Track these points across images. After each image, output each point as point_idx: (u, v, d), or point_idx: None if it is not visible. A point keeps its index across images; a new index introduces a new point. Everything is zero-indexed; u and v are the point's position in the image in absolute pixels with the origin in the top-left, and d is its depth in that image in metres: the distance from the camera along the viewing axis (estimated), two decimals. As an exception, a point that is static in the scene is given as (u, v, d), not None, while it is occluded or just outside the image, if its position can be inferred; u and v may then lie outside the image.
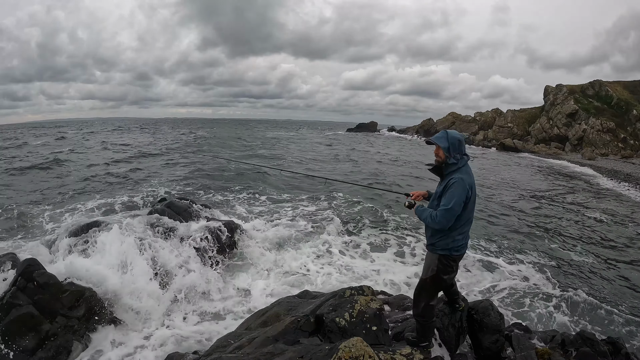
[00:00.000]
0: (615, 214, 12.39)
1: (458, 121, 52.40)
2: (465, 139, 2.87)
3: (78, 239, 6.45)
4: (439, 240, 2.80)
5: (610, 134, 35.35)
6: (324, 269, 7.00)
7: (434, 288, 2.96)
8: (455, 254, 2.83)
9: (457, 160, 2.70)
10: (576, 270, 7.47)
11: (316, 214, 10.40)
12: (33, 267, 4.76)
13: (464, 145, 2.77)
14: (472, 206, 2.77)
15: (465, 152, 2.76)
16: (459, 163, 2.71)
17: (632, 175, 21.47)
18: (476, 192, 2.85)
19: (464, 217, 2.74)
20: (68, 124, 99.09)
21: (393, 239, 8.85)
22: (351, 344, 2.56)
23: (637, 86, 41.85)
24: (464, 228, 2.79)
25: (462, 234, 2.79)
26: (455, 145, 2.69)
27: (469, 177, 2.71)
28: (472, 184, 2.72)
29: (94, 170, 16.68)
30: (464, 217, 2.74)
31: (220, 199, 11.97)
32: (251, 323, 4.17)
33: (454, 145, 2.69)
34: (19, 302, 4.40)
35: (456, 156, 2.70)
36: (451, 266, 2.87)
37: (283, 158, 23.62)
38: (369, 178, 17.07)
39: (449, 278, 2.94)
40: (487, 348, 3.28)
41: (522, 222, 10.82)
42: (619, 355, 3.45)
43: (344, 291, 3.77)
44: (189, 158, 21.34)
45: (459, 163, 2.71)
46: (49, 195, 11.92)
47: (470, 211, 2.77)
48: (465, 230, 2.80)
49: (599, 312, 5.81)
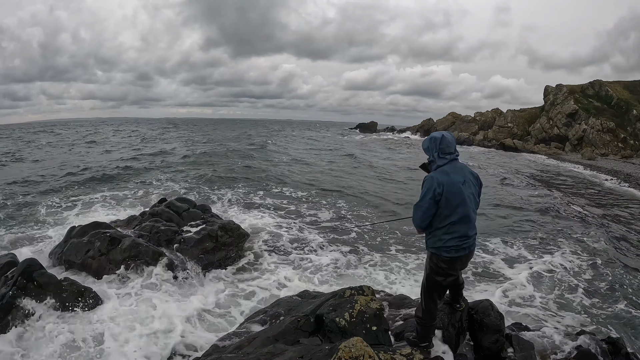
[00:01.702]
0: (616, 212, 12.40)
1: (458, 121, 52.38)
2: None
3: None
4: (428, 238, 2.86)
5: (610, 134, 35.33)
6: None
7: (429, 289, 2.93)
8: (445, 255, 2.76)
9: (434, 159, 2.84)
10: (576, 270, 7.46)
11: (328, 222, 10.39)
12: (33, 267, 4.77)
13: (446, 145, 2.80)
14: (454, 205, 2.69)
15: (449, 151, 2.80)
16: (438, 162, 2.81)
17: (632, 175, 21.48)
18: (473, 192, 2.82)
19: (445, 215, 2.71)
20: (80, 123, 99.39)
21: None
22: (351, 344, 2.56)
23: (637, 86, 41.82)
24: (452, 228, 2.71)
25: (450, 234, 2.72)
26: (431, 146, 2.84)
27: (444, 176, 2.72)
28: (449, 183, 2.69)
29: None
30: (445, 215, 2.71)
31: (224, 198, 12.01)
32: (251, 323, 4.17)
33: (430, 146, 2.86)
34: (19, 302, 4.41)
35: (434, 155, 2.83)
36: (442, 268, 2.81)
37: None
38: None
39: (443, 281, 2.87)
40: (487, 348, 3.28)
41: (522, 221, 10.82)
42: (619, 355, 3.45)
43: (344, 291, 3.78)
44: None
45: (438, 162, 2.81)
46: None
47: (453, 211, 2.69)
48: (453, 230, 2.71)
49: (600, 312, 5.81)
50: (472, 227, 2.80)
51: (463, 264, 2.94)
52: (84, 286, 5.05)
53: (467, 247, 2.80)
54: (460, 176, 2.76)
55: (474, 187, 2.84)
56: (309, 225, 9.58)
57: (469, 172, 2.87)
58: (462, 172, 2.80)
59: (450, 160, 2.80)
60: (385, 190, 14.62)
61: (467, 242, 2.78)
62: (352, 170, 20.34)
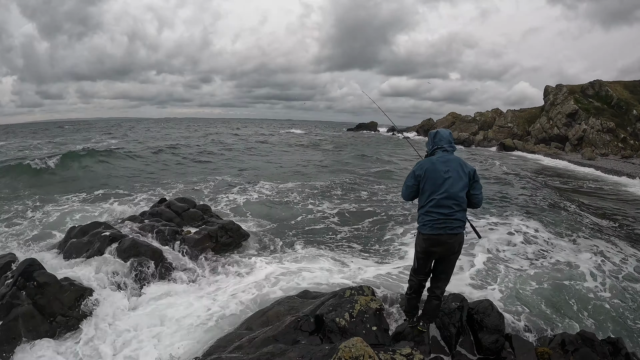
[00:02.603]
0: (619, 210, 12.40)
1: (458, 121, 52.36)
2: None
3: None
4: (417, 220, 3.28)
5: (610, 134, 35.35)
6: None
7: (414, 260, 3.39)
8: (423, 232, 3.15)
9: (429, 151, 3.36)
10: (575, 269, 7.46)
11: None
12: (33, 267, 4.77)
13: (439, 139, 3.26)
14: (432, 189, 3.09)
15: (439, 144, 3.25)
16: (430, 152, 3.34)
17: (632, 175, 21.52)
18: (457, 181, 3.09)
19: (425, 195, 3.14)
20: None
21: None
22: (351, 344, 2.57)
23: (637, 86, 41.83)
24: (428, 209, 3.11)
25: (427, 214, 3.13)
26: (429, 139, 3.38)
27: (428, 163, 3.18)
28: (430, 168, 3.13)
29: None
30: (426, 196, 3.14)
31: (227, 199, 12.00)
32: (251, 323, 4.17)
33: (428, 140, 3.41)
34: (19, 302, 4.41)
35: (429, 147, 3.36)
36: (419, 245, 3.21)
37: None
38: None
39: (423, 259, 3.27)
40: (487, 348, 3.28)
41: (522, 221, 10.80)
42: (619, 355, 3.45)
43: (344, 291, 3.78)
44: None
45: (430, 152, 3.34)
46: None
47: (432, 192, 3.09)
48: (430, 212, 3.10)
49: (600, 312, 5.80)
50: (450, 212, 3.08)
51: (441, 247, 3.14)
52: (85, 286, 5.04)
53: (442, 228, 3.08)
54: (445, 166, 3.13)
55: (459, 179, 3.12)
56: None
57: (457, 165, 3.16)
58: (448, 163, 3.15)
59: (442, 152, 3.22)
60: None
61: (445, 223, 3.07)
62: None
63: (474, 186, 3.20)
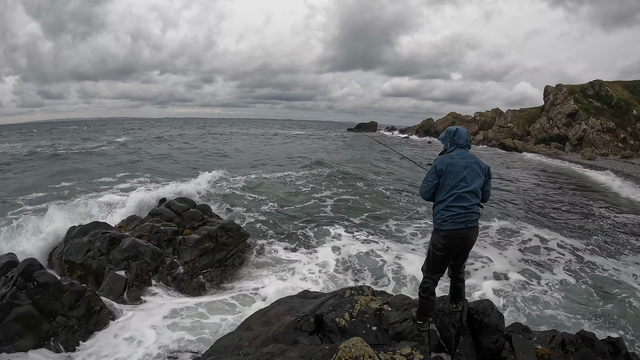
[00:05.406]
0: (618, 209, 12.40)
1: (458, 121, 52.33)
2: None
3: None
4: (433, 216, 3.21)
5: (610, 134, 35.31)
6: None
7: (428, 263, 3.26)
8: (442, 229, 3.08)
9: (446, 148, 3.34)
10: (576, 269, 7.47)
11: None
12: (33, 267, 4.77)
13: (458, 137, 3.26)
14: (452, 183, 3.08)
15: (458, 142, 3.25)
16: (448, 149, 3.31)
17: (632, 175, 21.46)
18: (475, 177, 3.11)
19: (445, 189, 3.11)
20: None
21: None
22: (351, 344, 2.56)
23: (637, 86, 41.78)
24: (449, 204, 3.07)
25: (447, 209, 3.07)
26: (446, 137, 3.35)
27: (448, 158, 3.18)
28: (450, 163, 3.13)
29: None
30: (445, 190, 3.10)
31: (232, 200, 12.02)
32: (251, 323, 4.17)
33: (445, 137, 3.37)
34: (18, 302, 4.40)
35: (447, 144, 3.34)
36: (440, 242, 3.12)
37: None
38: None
39: (441, 256, 3.17)
40: (487, 348, 3.28)
41: (524, 221, 10.81)
42: (619, 355, 3.44)
43: (344, 291, 3.78)
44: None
45: (448, 149, 3.31)
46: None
47: (452, 186, 3.07)
48: (451, 206, 3.06)
49: (600, 312, 5.81)
50: (469, 204, 3.07)
51: (461, 241, 3.11)
52: (85, 286, 5.04)
53: (464, 222, 3.05)
54: (464, 161, 3.14)
55: (477, 174, 3.14)
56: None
57: (474, 162, 3.18)
58: (466, 159, 3.16)
59: (460, 150, 3.22)
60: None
61: (465, 217, 3.05)
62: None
63: (487, 182, 3.29)
